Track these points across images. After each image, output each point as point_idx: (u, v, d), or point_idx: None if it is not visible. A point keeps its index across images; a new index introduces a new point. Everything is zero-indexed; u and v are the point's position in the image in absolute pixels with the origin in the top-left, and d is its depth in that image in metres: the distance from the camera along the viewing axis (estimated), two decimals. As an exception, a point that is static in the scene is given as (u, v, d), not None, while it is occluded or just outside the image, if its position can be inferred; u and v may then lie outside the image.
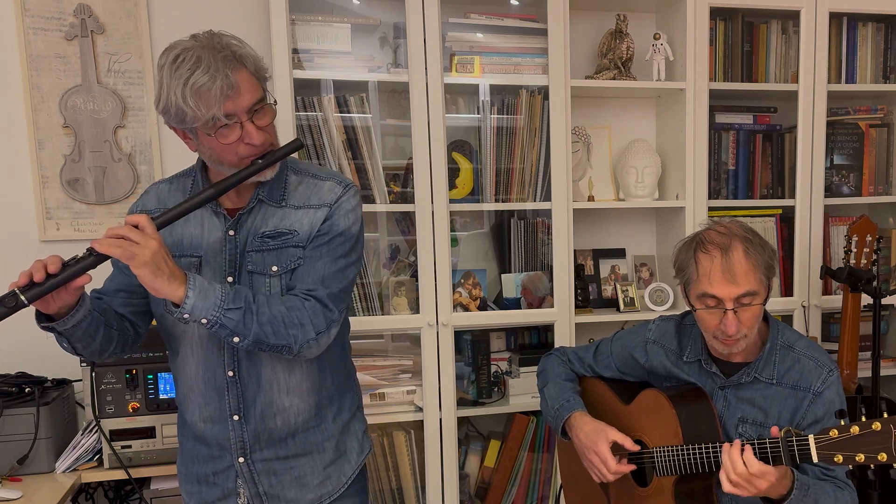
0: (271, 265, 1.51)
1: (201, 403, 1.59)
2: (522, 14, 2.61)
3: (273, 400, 1.57)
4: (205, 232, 1.55)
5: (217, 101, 1.37)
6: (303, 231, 1.52)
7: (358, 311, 2.48)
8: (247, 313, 1.40)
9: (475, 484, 2.71)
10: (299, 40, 2.40)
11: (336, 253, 1.53)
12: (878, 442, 1.39)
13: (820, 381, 1.70)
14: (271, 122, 1.48)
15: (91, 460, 2.25)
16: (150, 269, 1.31)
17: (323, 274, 1.51)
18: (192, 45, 1.39)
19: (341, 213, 1.54)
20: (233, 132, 1.41)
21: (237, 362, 1.55)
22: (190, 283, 1.36)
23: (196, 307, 1.36)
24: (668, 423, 1.74)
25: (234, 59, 1.40)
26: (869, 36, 2.87)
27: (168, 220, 1.40)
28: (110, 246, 1.30)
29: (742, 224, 1.73)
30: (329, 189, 1.56)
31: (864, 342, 2.66)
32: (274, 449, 1.61)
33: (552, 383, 2.00)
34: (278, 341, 1.44)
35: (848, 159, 2.89)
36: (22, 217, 2.46)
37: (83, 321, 1.42)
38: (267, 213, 1.54)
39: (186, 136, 1.47)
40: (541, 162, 2.58)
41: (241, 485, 1.62)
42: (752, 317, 1.66)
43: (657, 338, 1.92)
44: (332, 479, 1.66)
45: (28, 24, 2.41)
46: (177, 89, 1.36)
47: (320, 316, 1.48)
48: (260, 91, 1.45)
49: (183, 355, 1.59)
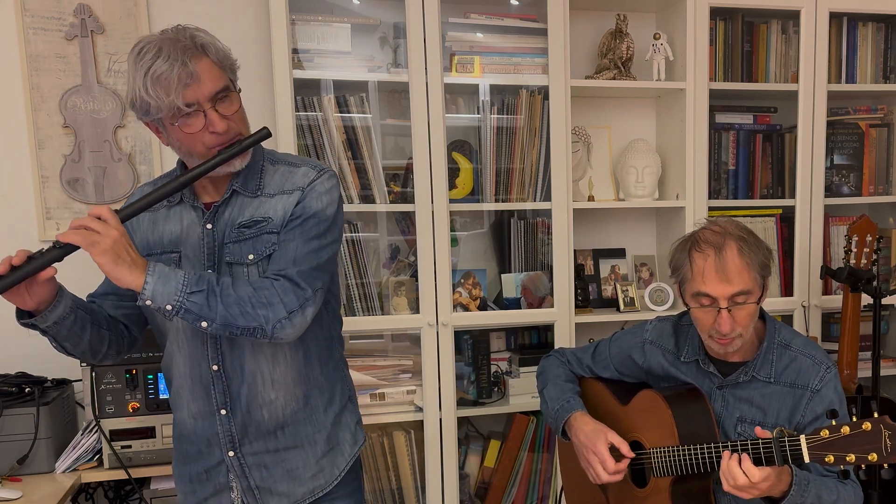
0: (248, 254, 1.52)
1: (189, 399, 1.59)
2: (522, 14, 2.61)
3: (258, 392, 1.57)
4: (184, 227, 1.56)
5: (175, 89, 1.38)
6: (277, 217, 1.52)
7: (358, 311, 2.48)
8: (210, 295, 1.40)
9: (475, 484, 2.71)
10: (299, 40, 2.40)
11: (309, 234, 1.52)
12: (869, 442, 1.39)
13: (818, 379, 1.70)
14: (237, 110, 1.48)
15: (91, 460, 2.25)
16: (111, 257, 1.33)
17: (295, 255, 1.50)
18: (156, 38, 1.42)
19: (314, 195, 1.53)
20: (196, 121, 1.42)
21: (221, 356, 1.55)
22: (149, 269, 1.37)
23: (157, 292, 1.36)
24: (664, 423, 1.74)
25: (195, 47, 1.41)
26: (869, 36, 2.87)
27: (134, 212, 1.42)
28: (72, 234, 1.32)
29: (737, 223, 1.73)
30: (303, 174, 1.56)
31: (864, 342, 2.65)
32: (263, 441, 1.60)
33: (552, 384, 2.00)
34: (247, 323, 1.43)
35: (848, 159, 2.89)
36: (22, 217, 2.46)
37: (66, 318, 1.43)
38: (243, 204, 1.54)
39: (157, 130, 1.48)
40: (541, 162, 2.58)
41: (233, 479, 1.62)
42: (746, 316, 1.67)
43: (654, 338, 1.92)
44: (325, 471, 1.66)
45: (28, 24, 2.41)
46: (139, 80, 1.39)
47: (291, 294, 1.46)
48: (224, 80, 1.45)
49: (171, 352, 1.60)
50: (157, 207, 1.57)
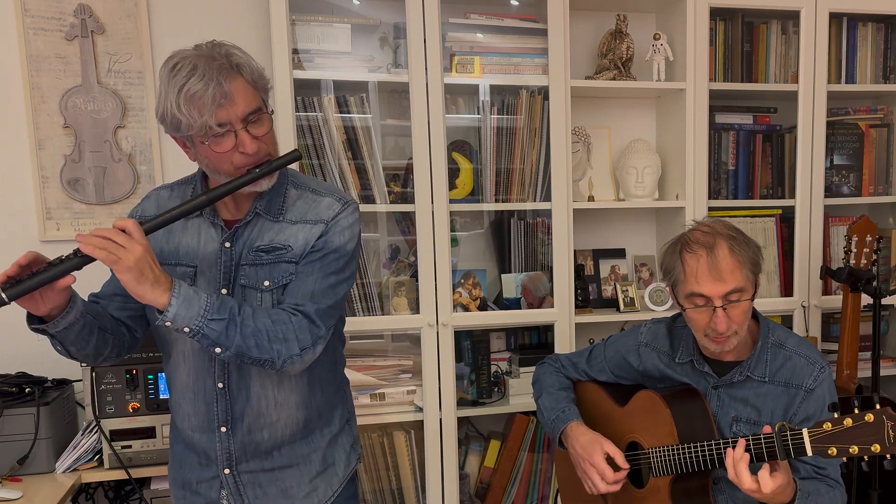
0: (264, 280, 1.50)
1: (190, 412, 1.59)
2: (522, 14, 2.61)
3: (261, 413, 1.56)
4: (201, 242, 1.54)
5: (209, 109, 1.36)
6: (297, 246, 1.51)
7: (358, 311, 2.48)
8: (230, 325, 1.39)
9: (475, 484, 2.71)
10: (299, 40, 2.40)
11: (328, 269, 1.51)
12: (872, 433, 1.40)
13: (812, 379, 1.71)
14: (268, 131, 1.47)
15: (91, 460, 2.25)
16: (134, 274, 1.30)
17: (313, 289, 1.49)
18: (191, 53, 1.40)
19: (337, 229, 1.53)
20: (226, 141, 1.41)
21: (227, 374, 1.54)
22: (175, 290, 1.35)
23: (179, 315, 1.35)
24: (663, 423, 1.74)
25: (230, 67, 1.39)
26: (869, 36, 2.87)
27: (157, 226, 1.40)
28: (95, 248, 1.29)
29: (725, 222, 1.74)
30: (327, 206, 1.54)
31: (864, 342, 2.66)
32: (259, 461, 1.60)
33: (546, 394, 2.01)
34: (261, 355, 1.43)
35: (848, 159, 2.89)
36: (22, 217, 2.46)
37: (75, 324, 1.41)
38: (264, 227, 1.53)
39: (185, 145, 1.47)
40: (541, 162, 2.58)
41: (226, 496, 1.61)
42: (741, 313, 1.67)
43: (649, 341, 1.92)
44: (319, 490, 1.66)
45: (28, 24, 2.41)
46: (172, 96, 1.37)
47: (306, 332, 1.46)
48: (257, 100, 1.44)
49: (175, 362, 1.59)
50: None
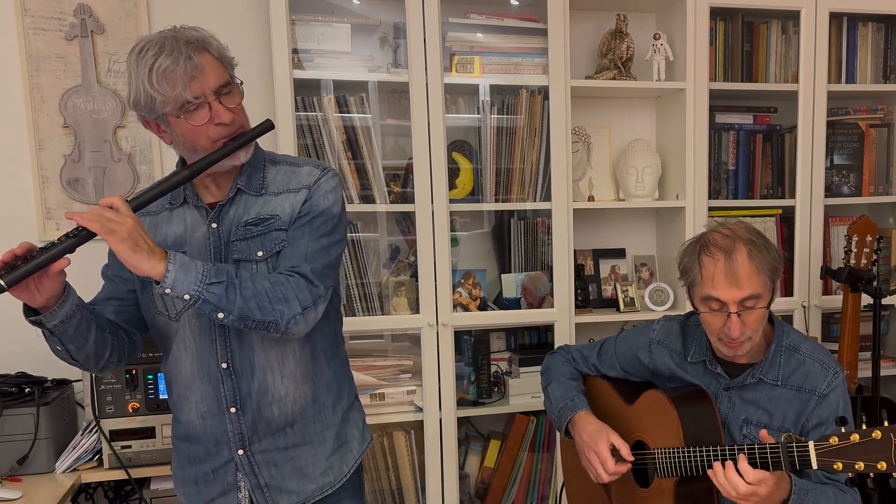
0: (257, 250, 1.53)
1: (198, 399, 1.59)
2: (522, 14, 2.61)
3: (268, 388, 1.57)
4: (188, 227, 1.56)
5: (182, 81, 1.40)
6: (284, 214, 1.54)
7: (358, 311, 2.48)
8: (229, 287, 1.41)
9: (475, 484, 2.71)
10: (299, 40, 2.40)
11: (318, 232, 1.54)
12: (878, 451, 1.38)
13: (825, 384, 1.69)
14: (239, 102, 1.51)
15: (91, 460, 2.25)
16: (129, 244, 1.32)
17: (306, 251, 1.52)
18: (155, 36, 1.44)
19: (320, 193, 1.56)
20: (202, 112, 1.44)
21: (230, 353, 1.56)
22: (171, 258, 1.37)
23: (178, 281, 1.37)
24: (669, 424, 1.74)
25: (197, 42, 1.44)
26: (869, 36, 2.87)
27: (143, 203, 1.43)
28: (90, 221, 1.32)
29: (747, 225, 1.72)
30: (307, 173, 1.58)
31: (864, 342, 2.65)
32: (273, 439, 1.61)
33: (556, 382, 2.00)
34: (264, 317, 1.44)
35: (848, 159, 2.89)
36: (22, 217, 2.46)
37: (72, 317, 1.42)
38: (248, 203, 1.56)
39: (160, 128, 1.49)
40: (541, 162, 2.58)
41: (242, 478, 1.62)
42: (756, 319, 1.66)
43: (661, 338, 1.91)
44: (335, 468, 1.67)
45: (28, 24, 2.41)
46: (143, 76, 1.40)
47: (305, 291, 1.48)
48: (226, 75, 1.48)
49: (176, 354, 1.60)
50: (158, 210, 1.58)
